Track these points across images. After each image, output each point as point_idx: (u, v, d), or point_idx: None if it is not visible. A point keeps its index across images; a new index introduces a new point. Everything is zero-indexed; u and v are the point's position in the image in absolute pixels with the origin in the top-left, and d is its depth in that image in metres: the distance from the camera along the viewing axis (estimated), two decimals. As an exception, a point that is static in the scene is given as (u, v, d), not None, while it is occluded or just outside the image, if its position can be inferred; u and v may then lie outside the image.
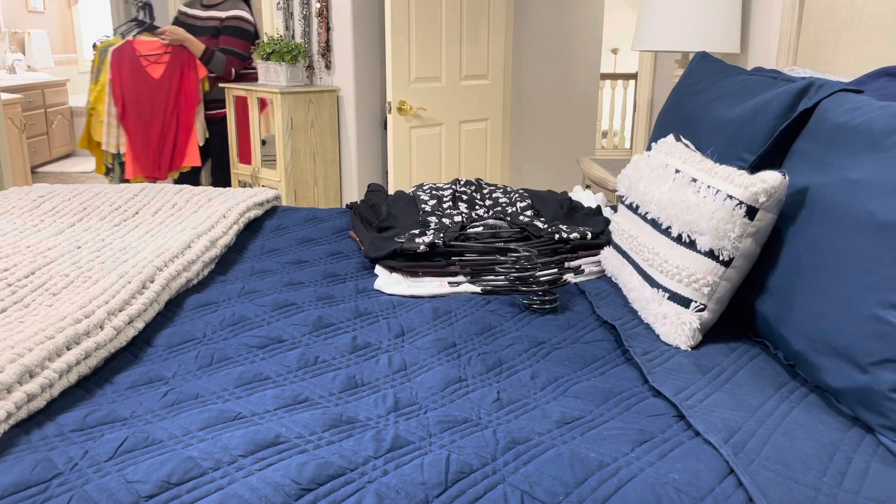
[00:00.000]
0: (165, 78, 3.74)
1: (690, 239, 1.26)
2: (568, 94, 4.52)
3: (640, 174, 1.47)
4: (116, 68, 3.71)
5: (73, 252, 1.59)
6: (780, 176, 1.17)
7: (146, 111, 3.77)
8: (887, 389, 0.96)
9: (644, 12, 2.52)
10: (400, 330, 1.34)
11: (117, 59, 3.69)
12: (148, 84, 3.76)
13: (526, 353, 1.25)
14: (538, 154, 4.48)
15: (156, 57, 3.72)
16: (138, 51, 3.72)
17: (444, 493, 0.85)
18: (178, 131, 3.86)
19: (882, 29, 1.78)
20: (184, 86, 3.79)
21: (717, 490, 0.86)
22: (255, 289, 1.53)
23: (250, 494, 0.84)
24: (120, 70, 3.71)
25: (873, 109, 1.15)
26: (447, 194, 1.96)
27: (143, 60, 3.72)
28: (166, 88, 3.76)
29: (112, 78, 3.72)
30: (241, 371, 1.17)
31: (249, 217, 1.98)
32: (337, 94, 3.93)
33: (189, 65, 3.76)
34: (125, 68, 3.70)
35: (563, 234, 1.69)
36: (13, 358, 1.04)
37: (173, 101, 3.79)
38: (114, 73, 3.72)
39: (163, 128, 3.82)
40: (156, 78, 3.74)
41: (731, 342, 1.28)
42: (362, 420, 1.01)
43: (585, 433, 0.98)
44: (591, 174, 2.93)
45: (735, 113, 1.53)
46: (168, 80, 3.75)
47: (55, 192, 2.08)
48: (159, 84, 3.75)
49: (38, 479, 0.87)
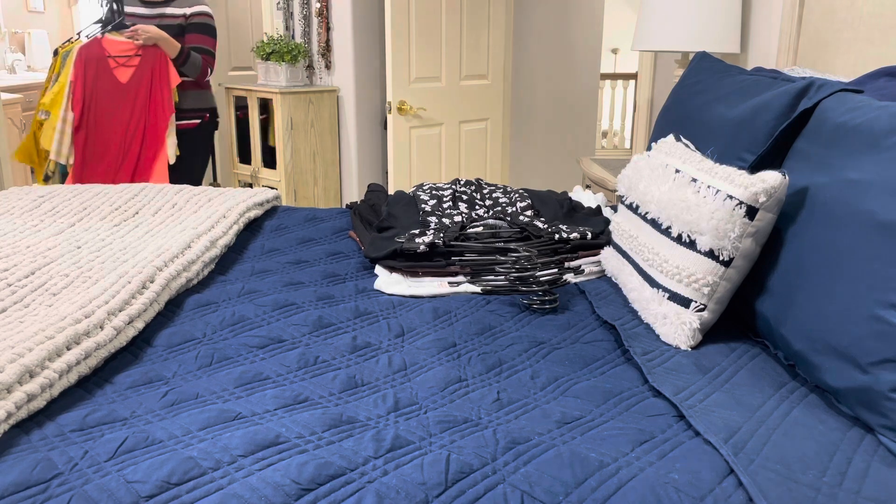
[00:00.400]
0: (133, 83, 3.30)
1: (690, 239, 1.26)
2: (568, 94, 4.52)
3: (640, 174, 1.47)
4: (81, 68, 3.26)
5: (73, 252, 1.59)
6: (780, 176, 1.17)
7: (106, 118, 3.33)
8: (887, 389, 0.96)
9: (644, 12, 2.52)
10: (400, 330, 1.34)
11: (83, 58, 3.26)
12: (113, 88, 3.31)
13: (526, 353, 1.25)
14: (538, 154, 4.48)
15: (125, 59, 3.28)
16: (107, 51, 3.27)
17: (444, 493, 0.85)
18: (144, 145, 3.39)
19: (882, 29, 1.78)
20: (153, 94, 3.35)
21: (717, 490, 0.86)
22: (255, 289, 1.53)
23: (250, 494, 0.84)
24: (84, 70, 3.26)
25: (873, 109, 1.15)
26: (447, 194, 1.96)
27: (111, 62, 3.28)
28: (133, 95, 3.31)
29: (74, 79, 3.26)
30: (241, 371, 1.17)
31: (249, 217, 1.98)
32: (337, 94, 3.93)
33: (161, 70, 3.33)
34: (90, 69, 3.27)
35: (563, 234, 1.69)
36: (13, 358, 1.04)
37: (140, 110, 3.34)
38: (77, 74, 3.27)
39: (124, 139, 3.36)
40: (122, 82, 3.30)
41: (731, 342, 1.28)
42: (362, 420, 1.01)
43: (585, 433, 0.98)
44: (591, 174, 2.93)
45: (735, 113, 1.53)
46: (136, 85, 3.31)
47: (55, 192, 2.08)
48: (125, 89, 3.31)
49: (38, 479, 0.87)
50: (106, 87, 3.30)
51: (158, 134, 3.35)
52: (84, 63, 3.26)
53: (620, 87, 6.76)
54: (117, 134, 3.34)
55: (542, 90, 4.38)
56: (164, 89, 3.35)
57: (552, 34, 4.33)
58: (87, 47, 3.26)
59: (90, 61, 3.25)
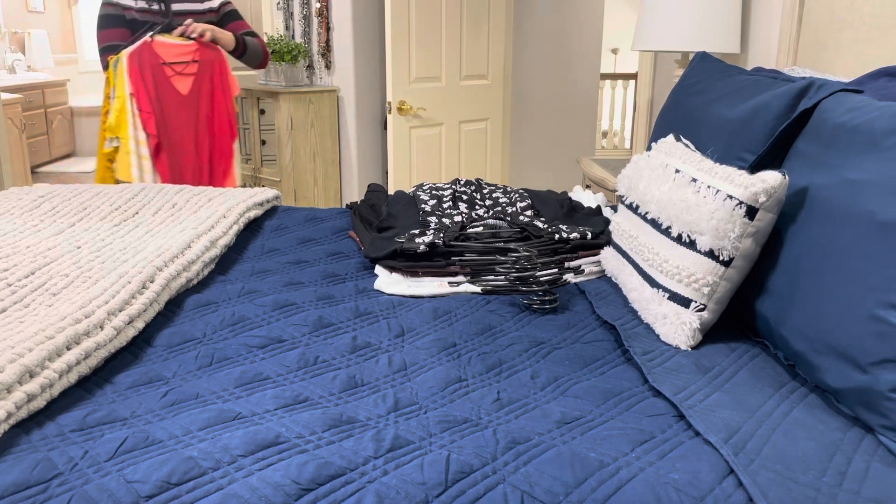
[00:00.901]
0: (193, 94, 2.80)
1: (690, 239, 1.26)
2: (568, 94, 4.52)
3: (640, 174, 1.47)
4: (138, 76, 2.69)
5: (73, 252, 1.59)
6: (780, 176, 1.17)
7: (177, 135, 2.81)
8: (887, 389, 0.96)
9: (644, 12, 2.52)
10: (400, 330, 1.34)
11: (137, 65, 2.70)
12: (175, 100, 2.78)
13: (526, 353, 1.25)
14: (538, 154, 4.48)
15: (182, 66, 2.77)
16: (161, 56, 2.74)
17: (444, 493, 0.85)
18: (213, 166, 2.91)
19: (882, 29, 1.78)
20: (216, 107, 2.87)
21: (717, 490, 0.86)
22: (255, 289, 1.53)
23: (250, 494, 0.84)
24: (143, 79, 2.70)
25: (873, 109, 1.15)
26: (447, 194, 1.96)
27: (167, 70, 2.75)
28: (195, 109, 2.82)
29: (135, 90, 2.69)
30: (241, 371, 1.17)
31: (249, 217, 1.98)
32: (337, 94, 3.93)
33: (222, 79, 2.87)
34: (148, 77, 2.72)
35: (563, 234, 1.69)
36: (13, 358, 1.04)
37: (204, 125, 2.86)
38: (136, 84, 2.69)
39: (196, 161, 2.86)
40: (183, 94, 2.78)
41: (731, 342, 1.28)
42: (362, 420, 1.01)
43: (585, 433, 0.98)
44: (591, 174, 2.93)
45: (735, 113, 1.53)
46: (196, 97, 2.81)
47: (55, 192, 2.08)
48: (187, 102, 2.80)
49: (38, 479, 0.87)
50: (168, 99, 2.79)
51: (224, 153, 2.93)
52: (140, 70, 2.71)
53: (620, 87, 6.76)
54: (189, 154, 2.86)
55: (542, 90, 4.38)
56: (228, 100, 2.92)
57: (552, 34, 4.33)
58: (137, 53, 2.72)
59: (145, 68, 2.72)
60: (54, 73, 7.23)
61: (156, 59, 2.72)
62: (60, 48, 7.66)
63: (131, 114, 2.69)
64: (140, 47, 2.72)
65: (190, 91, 2.80)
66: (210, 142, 2.89)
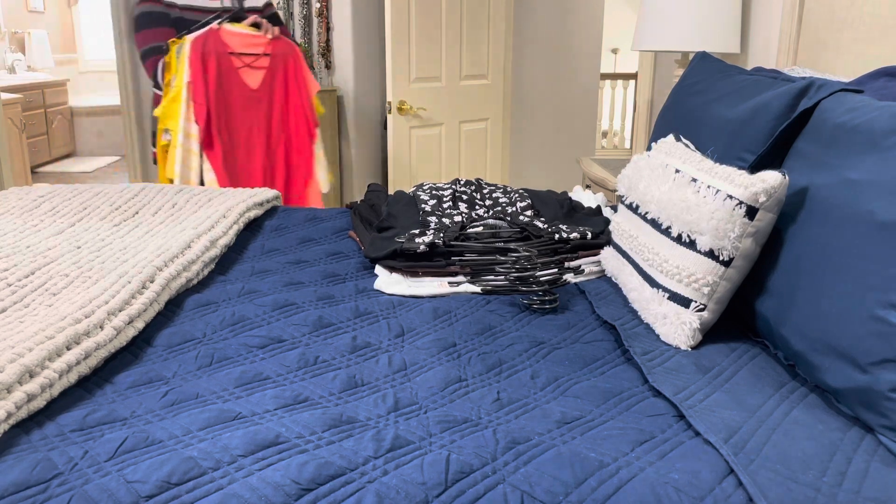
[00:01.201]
0: (265, 89, 2.55)
1: (690, 239, 1.26)
2: (568, 94, 4.52)
3: (640, 174, 1.47)
4: (198, 65, 2.45)
5: (73, 252, 1.59)
6: (780, 176, 1.17)
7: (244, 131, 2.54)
8: (887, 389, 0.96)
9: (644, 12, 2.52)
10: (400, 330, 1.34)
11: (199, 52, 2.44)
12: (242, 94, 2.52)
13: (526, 353, 1.25)
14: (538, 154, 4.48)
15: (252, 59, 2.52)
16: (228, 45, 2.49)
17: (444, 493, 0.85)
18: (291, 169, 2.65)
19: (882, 29, 1.78)
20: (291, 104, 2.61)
21: (717, 490, 0.86)
22: (255, 289, 1.53)
23: (250, 494, 0.84)
24: (204, 68, 2.45)
25: (873, 109, 1.15)
26: (447, 194, 1.96)
27: (234, 60, 2.49)
28: (266, 105, 2.57)
29: (192, 79, 2.44)
30: (241, 371, 1.17)
31: (249, 217, 1.98)
32: (337, 94, 3.93)
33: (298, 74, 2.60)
34: (211, 66, 2.46)
35: (563, 234, 1.69)
36: (13, 358, 1.04)
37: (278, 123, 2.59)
38: (195, 73, 2.44)
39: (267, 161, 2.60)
40: (252, 88, 2.53)
41: (731, 342, 1.28)
42: (362, 420, 1.01)
43: (585, 433, 0.98)
44: (591, 174, 2.93)
45: (735, 113, 1.53)
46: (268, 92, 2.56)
47: (55, 192, 2.08)
48: (257, 97, 2.54)
49: (38, 479, 0.87)
50: (235, 92, 2.53)
51: (304, 155, 2.67)
52: (202, 59, 2.46)
53: (620, 87, 6.76)
54: (258, 154, 2.59)
55: (542, 90, 4.38)
56: (304, 99, 2.65)
57: (552, 34, 4.33)
58: (202, 40, 2.47)
59: (209, 56, 2.47)
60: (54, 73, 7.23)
61: (222, 48, 2.48)
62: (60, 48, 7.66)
63: (185, 104, 2.45)
64: (206, 34, 2.47)
65: (261, 86, 2.53)
66: (286, 143, 2.63)
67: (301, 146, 2.66)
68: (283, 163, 2.65)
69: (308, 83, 2.66)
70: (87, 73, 7.91)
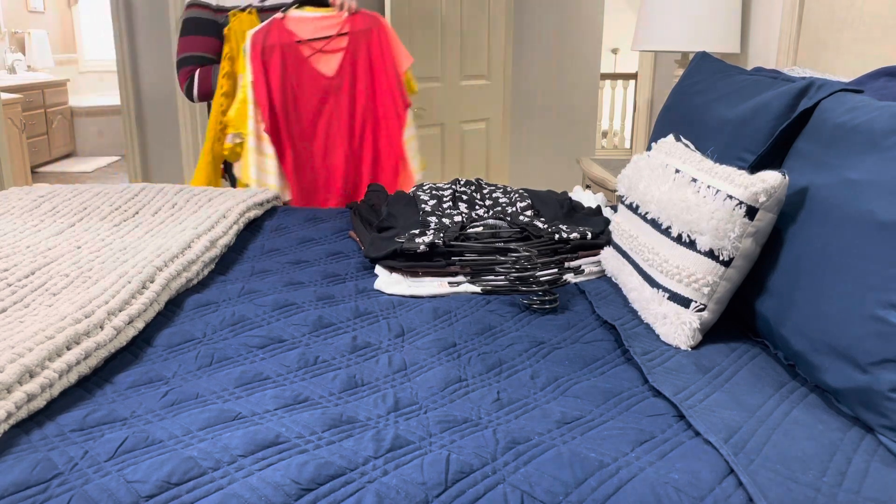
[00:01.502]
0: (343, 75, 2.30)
1: (690, 239, 1.26)
2: (568, 94, 4.52)
3: (640, 174, 1.47)
4: (258, 62, 2.23)
5: (73, 252, 1.59)
6: (780, 176, 1.17)
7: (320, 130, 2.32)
8: (887, 389, 0.96)
9: (644, 12, 2.52)
10: (400, 330, 1.34)
11: (259, 48, 2.23)
12: (315, 85, 2.30)
13: (526, 353, 1.25)
14: (538, 154, 4.48)
15: (325, 42, 2.27)
16: (295, 34, 2.26)
17: (444, 493, 0.85)
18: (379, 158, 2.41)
19: (882, 29, 1.78)
20: (377, 84, 2.34)
21: (717, 490, 0.86)
22: (255, 289, 1.53)
23: (250, 494, 0.84)
24: (265, 66, 2.24)
25: (873, 109, 1.15)
26: (447, 194, 1.96)
27: (304, 48, 2.26)
28: (347, 93, 2.32)
29: (254, 79, 2.24)
30: (241, 371, 1.17)
31: (249, 217, 1.98)
32: (337, 94, 3.92)
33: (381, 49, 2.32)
34: (274, 63, 2.24)
35: (563, 234, 1.69)
36: (13, 358, 1.04)
37: (362, 109, 2.35)
38: (256, 71, 2.24)
39: (350, 154, 2.38)
40: (328, 75, 2.29)
41: (731, 342, 1.28)
42: (362, 420, 1.01)
43: (585, 433, 0.98)
44: (591, 174, 2.93)
45: (735, 113, 1.53)
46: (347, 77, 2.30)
47: (55, 192, 2.08)
48: (334, 85, 2.31)
49: (38, 479, 0.87)
50: (307, 85, 2.29)
51: (393, 139, 2.39)
52: (263, 55, 2.23)
53: (620, 87, 6.76)
54: (340, 149, 2.36)
55: (542, 90, 4.38)
56: (391, 78, 2.34)
57: (552, 34, 4.33)
58: (263, 33, 2.24)
59: (272, 51, 2.23)
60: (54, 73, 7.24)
61: (288, 38, 2.23)
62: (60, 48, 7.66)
63: (253, 106, 2.25)
64: (268, 25, 2.23)
65: (338, 71, 2.27)
66: (374, 132, 2.36)
67: (390, 132, 2.37)
68: (371, 153, 2.39)
69: (396, 58, 2.33)
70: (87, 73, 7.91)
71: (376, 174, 2.43)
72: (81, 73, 7.85)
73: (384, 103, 2.34)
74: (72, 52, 7.81)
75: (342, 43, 2.28)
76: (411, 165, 2.38)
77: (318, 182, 2.39)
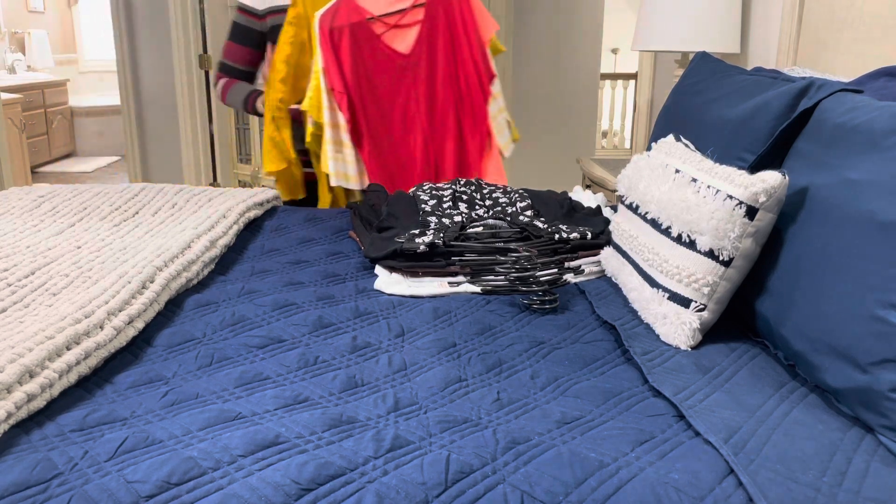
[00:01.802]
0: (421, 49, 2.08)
1: (690, 239, 1.26)
2: (568, 94, 4.52)
3: (640, 174, 1.47)
4: (328, 46, 2.06)
5: (73, 252, 1.59)
6: (780, 176, 1.17)
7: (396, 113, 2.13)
8: (887, 389, 0.96)
9: (644, 12, 2.52)
10: (400, 330, 1.34)
11: (327, 30, 2.05)
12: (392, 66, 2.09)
13: (526, 353, 1.25)
14: (538, 154, 4.48)
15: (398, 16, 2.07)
16: (365, 10, 2.06)
17: (444, 493, 0.85)
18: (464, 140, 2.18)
19: (882, 29, 1.78)
20: (460, 56, 2.10)
21: (717, 490, 0.86)
22: (255, 289, 1.53)
23: (250, 494, 0.84)
24: (335, 49, 2.06)
25: (873, 109, 1.15)
26: (447, 194, 1.96)
27: (376, 26, 2.06)
28: (426, 68, 2.10)
29: (326, 65, 2.06)
30: (241, 371, 1.17)
31: (249, 217, 1.98)
32: (337, 94, 3.92)
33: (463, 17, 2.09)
34: (344, 45, 2.05)
35: (563, 234, 1.69)
36: (13, 358, 1.04)
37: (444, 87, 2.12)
38: (326, 55, 2.06)
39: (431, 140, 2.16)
40: (403, 53, 2.08)
41: (731, 342, 1.28)
42: (362, 420, 1.01)
43: (585, 433, 0.98)
44: (591, 174, 2.93)
45: (735, 113, 1.53)
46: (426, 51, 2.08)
47: (55, 192, 2.08)
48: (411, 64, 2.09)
49: (38, 479, 0.87)
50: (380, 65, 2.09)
51: (478, 116, 2.16)
52: (331, 37, 2.05)
53: (620, 87, 6.76)
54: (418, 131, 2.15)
55: (543, 90, 4.38)
56: (475, 46, 2.11)
57: (552, 34, 4.33)
58: (330, 14, 2.06)
59: (340, 33, 2.05)
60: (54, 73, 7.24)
61: (358, 16, 2.05)
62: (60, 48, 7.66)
63: (326, 94, 2.08)
64: (336, 4, 2.05)
65: (415, 46, 2.05)
66: (456, 110, 2.13)
67: (475, 108, 2.14)
68: (454, 134, 2.16)
69: (479, 26, 2.09)
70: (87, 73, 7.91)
71: (462, 156, 2.22)
72: (81, 73, 7.85)
73: (467, 77, 2.12)
74: (72, 52, 7.81)
75: (418, 15, 2.05)
76: (498, 142, 2.15)
77: (397, 168, 2.20)
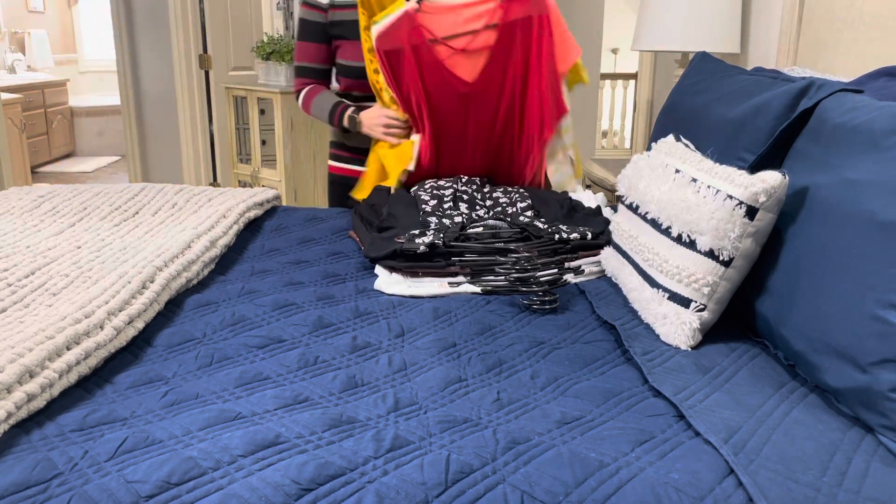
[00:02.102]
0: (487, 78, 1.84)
1: (690, 239, 1.26)
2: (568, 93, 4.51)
3: (640, 174, 1.47)
4: (388, 72, 1.83)
5: (73, 252, 1.59)
6: (780, 176, 1.17)
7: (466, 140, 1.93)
8: (887, 389, 0.96)
9: (644, 12, 2.52)
10: (400, 330, 1.34)
11: (384, 53, 1.81)
12: (454, 96, 1.85)
13: (526, 353, 1.25)
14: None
15: (467, 40, 1.79)
16: (430, 30, 1.80)
17: (444, 493, 0.85)
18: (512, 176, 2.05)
19: (882, 29, 1.78)
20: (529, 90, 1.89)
21: (717, 490, 0.86)
22: (255, 289, 1.53)
23: (250, 494, 0.84)
24: (398, 73, 1.83)
25: (873, 109, 1.15)
26: (448, 194, 1.96)
27: (440, 50, 1.79)
28: (494, 100, 1.87)
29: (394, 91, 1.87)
30: (241, 371, 1.17)
31: (249, 217, 1.98)
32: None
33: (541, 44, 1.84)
34: (405, 66, 1.81)
35: (563, 235, 1.69)
36: (13, 358, 1.04)
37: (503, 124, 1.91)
38: (389, 82, 1.85)
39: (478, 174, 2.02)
40: (468, 82, 1.83)
41: (731, 342, 1.28)
42: (362, 420, 1.01)
43: (585, 433, 0.98)
44: (591, 174, 2.93)
45: (735, 113, 1.53)
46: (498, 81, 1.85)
47: (55, 192, 2.08)
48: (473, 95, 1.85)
49: (38, 479, 0.87)
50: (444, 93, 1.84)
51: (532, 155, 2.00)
52: (389, 61, 1.81)
53: (620, 87, 6.76)
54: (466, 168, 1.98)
55: (542, 90, 4.37)
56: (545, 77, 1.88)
57: (552, 34, 4.32)
58: (389, 34, 1.79)
59: (399, 56, 1.80)
60: (54, 73, 7.24)
61: (418, 37, 1.78)
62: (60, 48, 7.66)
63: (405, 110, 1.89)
64: (396, 21, 1.78)
65: (480, 75, 1.79)
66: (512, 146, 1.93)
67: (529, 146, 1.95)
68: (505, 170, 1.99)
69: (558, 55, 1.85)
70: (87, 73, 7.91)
71: None
72: (81, 73, 7.85)
73: (531, 115, 1.92)
74: (72, 52, 7.81)
75: (490, 39, 1.79)
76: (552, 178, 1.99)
77: None
